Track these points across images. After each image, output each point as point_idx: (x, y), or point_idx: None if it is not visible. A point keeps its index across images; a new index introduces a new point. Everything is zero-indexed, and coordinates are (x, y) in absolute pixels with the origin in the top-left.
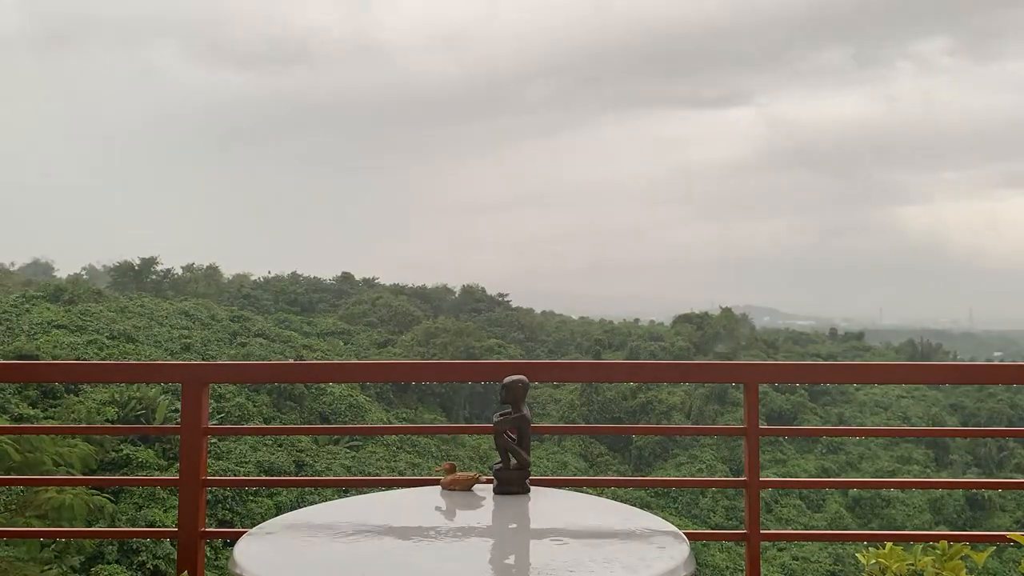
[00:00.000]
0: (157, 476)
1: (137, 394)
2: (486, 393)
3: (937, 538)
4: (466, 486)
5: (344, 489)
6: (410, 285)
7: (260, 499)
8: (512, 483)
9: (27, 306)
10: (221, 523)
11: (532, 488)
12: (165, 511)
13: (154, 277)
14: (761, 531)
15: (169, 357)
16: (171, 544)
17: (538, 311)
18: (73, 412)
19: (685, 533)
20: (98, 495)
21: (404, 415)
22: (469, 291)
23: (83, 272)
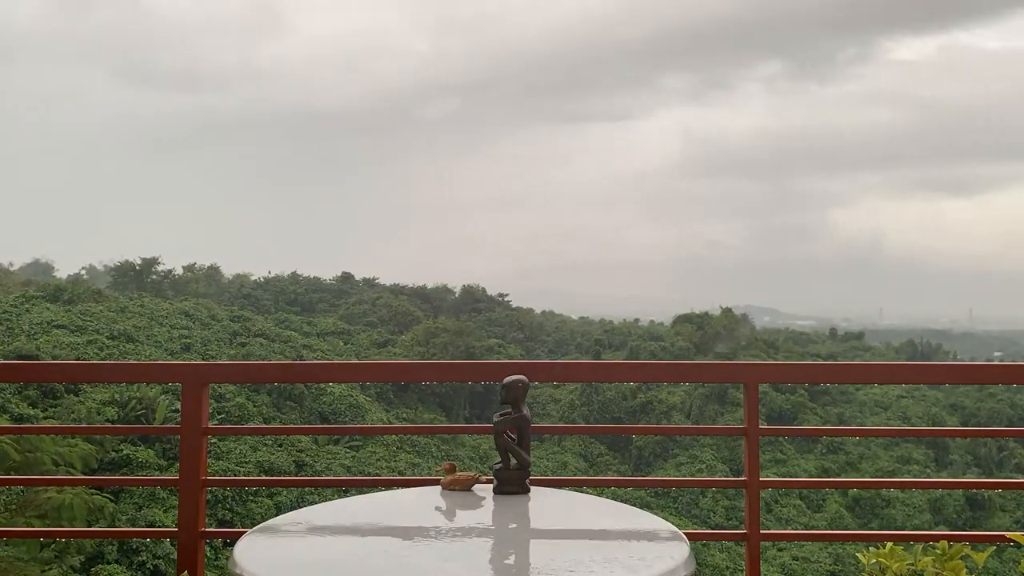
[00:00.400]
0: (157, 476)
1: (137, 394)
2: (486, 393)
3: (937, 538)
4: (466, 486)
5: (344, 489)
6: (410, 285)
7: (260, 499)
8: (512, 483)
9: (27, 306)
10: (221, 523)
11: (532, 488)
12: (165, 511)
13: (154, 277)
14: (761, 531)
15: (169, 357)
16: (171, 544)
17: (538, 311)
18: (73, 412)
19: (685, 533)
20: (98, 495)
21: (404, 415)
22: (469, 291)
23: (83, 272)
